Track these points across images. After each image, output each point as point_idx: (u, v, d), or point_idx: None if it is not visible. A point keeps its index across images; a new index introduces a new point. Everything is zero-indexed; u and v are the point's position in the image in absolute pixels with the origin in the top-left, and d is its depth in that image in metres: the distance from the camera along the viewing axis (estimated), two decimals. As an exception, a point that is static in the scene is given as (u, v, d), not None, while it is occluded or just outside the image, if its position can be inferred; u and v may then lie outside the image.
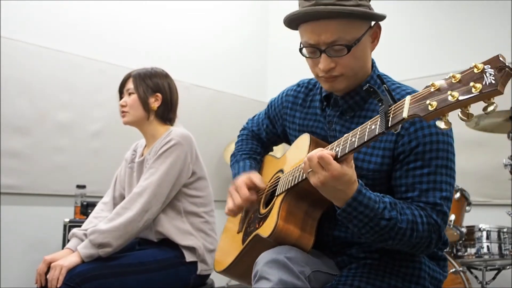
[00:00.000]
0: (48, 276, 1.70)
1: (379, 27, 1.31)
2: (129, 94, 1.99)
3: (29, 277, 2.94)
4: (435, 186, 1.18)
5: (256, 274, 1.15)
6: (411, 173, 1.20)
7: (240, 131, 1.73)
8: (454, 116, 0.86)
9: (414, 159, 1.19)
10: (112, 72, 3.48)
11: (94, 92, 3.45)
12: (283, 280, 1.10)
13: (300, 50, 1.30)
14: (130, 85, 1.99)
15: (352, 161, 1.10)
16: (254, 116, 1.71)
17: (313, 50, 1.26)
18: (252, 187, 1.41)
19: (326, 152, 1.07)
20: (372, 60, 1.38)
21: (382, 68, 1.42)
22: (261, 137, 1.65)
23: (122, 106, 2.00)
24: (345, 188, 1.08)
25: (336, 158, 1.07)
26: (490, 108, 0.81)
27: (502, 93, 0.80)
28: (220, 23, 4.40)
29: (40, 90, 3.21)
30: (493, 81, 0.80)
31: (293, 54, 1.52)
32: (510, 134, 2.60)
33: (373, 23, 1.29)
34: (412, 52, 3.75)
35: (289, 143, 1.52)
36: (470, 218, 2.86)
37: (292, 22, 1.28)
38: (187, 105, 3.94)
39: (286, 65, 4.63)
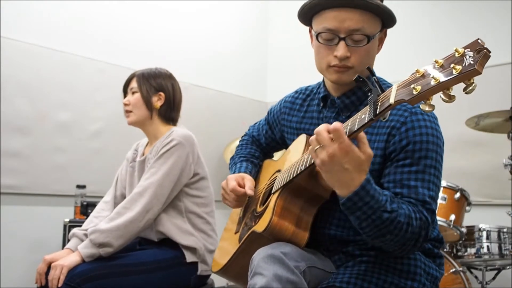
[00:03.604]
0: (49, 276, 1.70)
1: (386, 34, 1.33)
2: (133, 93, 2.01)
3: (29, 277, 2.94)
4: (423, 185, 1.20)
5: (252, 270, 1.16)
6: (399, 170, 1.21)
7: (242, 136, 1.78)
8: (453, 117, 0.86)
9: (404, 157, 1.21)
10: (112, 72, 3.49)
11: (94, 92, 3.45)
12: (278, 275, 1.10)
13: (316, 36, 1.29)
14: (133, 84, 2.02)
15: (366, 146, 1.07)
16: (256, 123, 1.77)
17: (332, 37, 1.26)
18: (242, 185, 1.45)
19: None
20: None
21: (381, 68, 1.43)
22: (261, 142, 1.70)
23: (126, 104, 2.02)
24: (352, 168, 1.05)
25: None
26: (470, 88, 0.86)
27: (480, 73, 0.84)
28: (220, 23, 4.40)
29: (40, 90, 3.20)
30: (472, 62, 0.84)
31: (293, 54, 1.53)
32: (510, 134, 2.60)
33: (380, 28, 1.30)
34: (412, 52, 3.75)
35: (287, 147, 1.55)
36: (470, 218, 2.86)
37: (312, 9, 1.28)
38: (187, 105, 3.91)
39: (286, 65, 4.63)
